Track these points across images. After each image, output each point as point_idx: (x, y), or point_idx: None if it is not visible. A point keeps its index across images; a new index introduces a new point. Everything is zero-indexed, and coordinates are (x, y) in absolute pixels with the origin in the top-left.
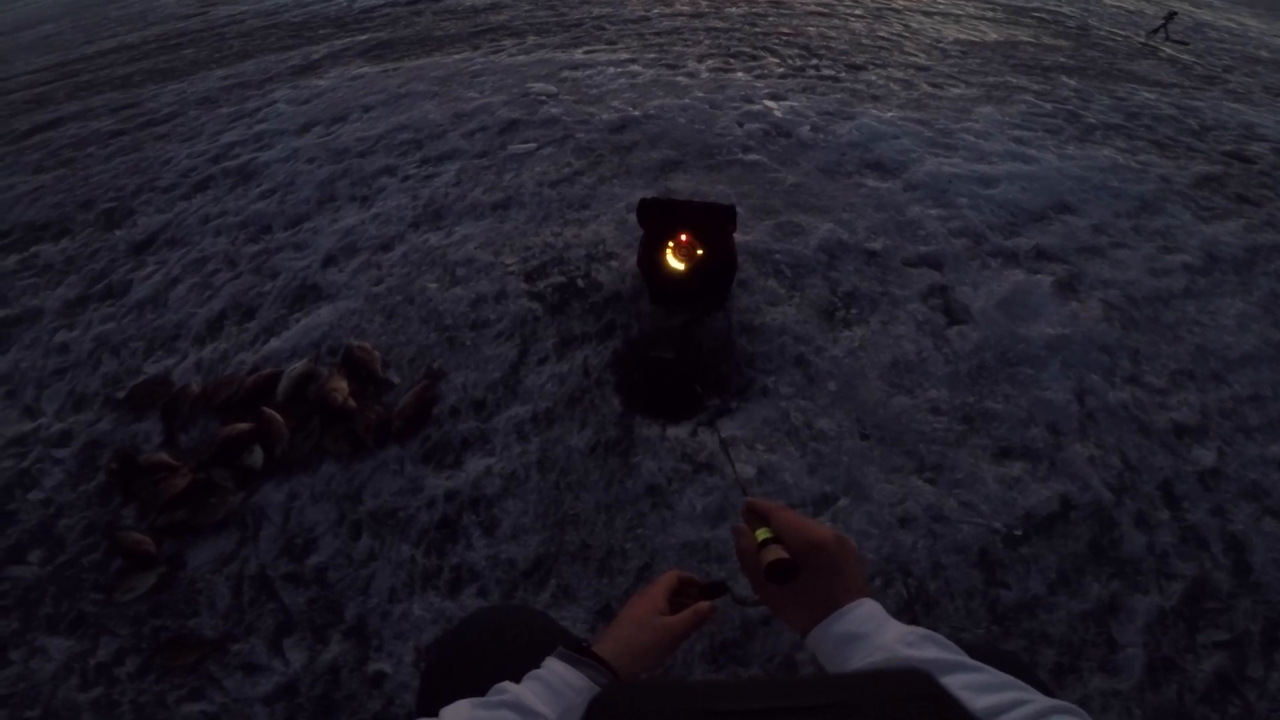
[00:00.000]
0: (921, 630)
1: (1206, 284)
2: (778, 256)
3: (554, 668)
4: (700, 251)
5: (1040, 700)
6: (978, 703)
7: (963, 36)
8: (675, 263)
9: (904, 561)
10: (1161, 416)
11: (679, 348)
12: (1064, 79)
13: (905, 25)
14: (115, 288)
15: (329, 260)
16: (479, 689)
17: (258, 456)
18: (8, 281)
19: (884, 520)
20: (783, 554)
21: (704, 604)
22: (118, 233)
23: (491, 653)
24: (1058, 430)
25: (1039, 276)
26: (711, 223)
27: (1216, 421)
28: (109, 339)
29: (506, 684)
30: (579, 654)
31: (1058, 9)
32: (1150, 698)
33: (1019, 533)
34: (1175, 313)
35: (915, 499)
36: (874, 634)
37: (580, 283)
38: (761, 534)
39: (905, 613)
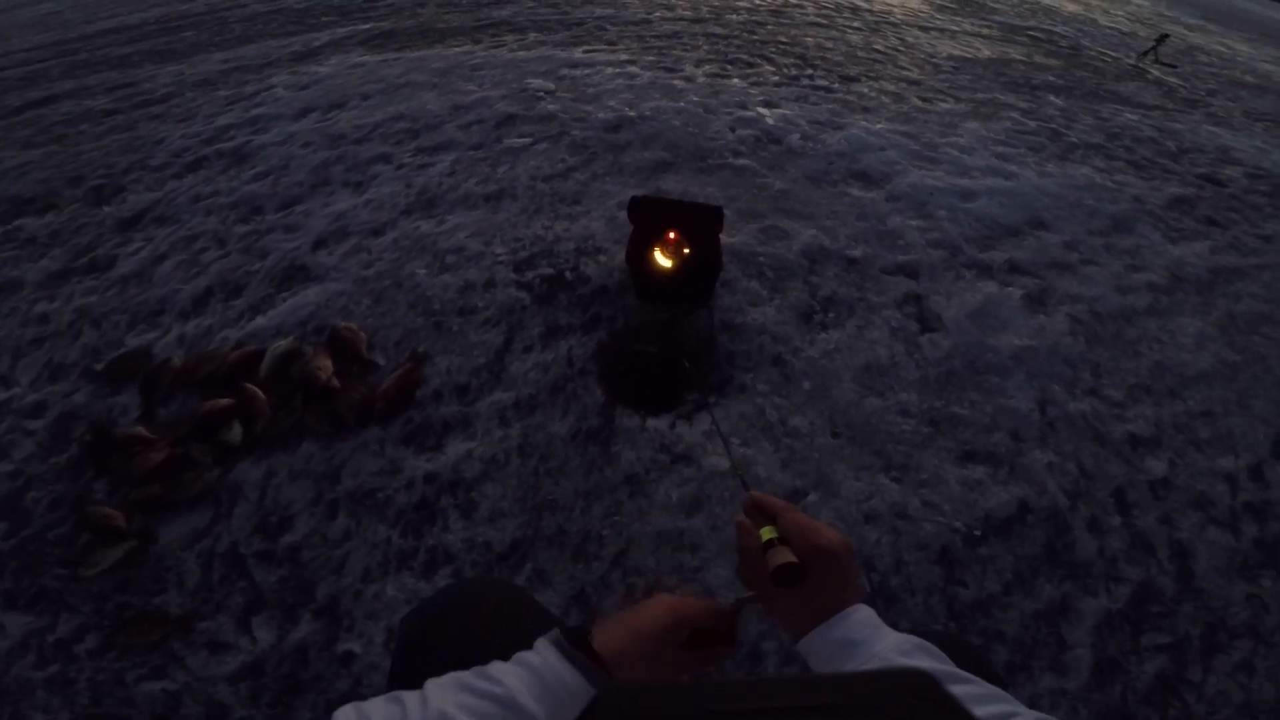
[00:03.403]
0: (915, 639)
1: (1169, 303)
2: (761, 259)
3: (551, 661)
4: (687, 250)
5: (1028, 713)
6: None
7: (956, 52)
8: (663, 260)
9: (868, 556)
10: (1118, 428)
11: (662, 342)
12: (1051, 98)
13: (901, 39)
14: (100, 262)
15: (319, 243)
16: (456, 665)
17: (237, 433)
18: None
19: (851, 516)
20: (791, 557)
21: (725, 648)
22: (105, 209)
23: (469, 627)
24: (1019, 437)
25: (1010, 289)
26: (699, 222)
27: (1169, 434)
28: (90, 311)
29: (496, 666)
30: (581, 649)
31: (1053, 28)
32: (1096, 698)
33: (978, 533)
34: (1137, 329)
35: (881, 496)
36: (870, 641)
37: (568, 275)
38: (766, 533)
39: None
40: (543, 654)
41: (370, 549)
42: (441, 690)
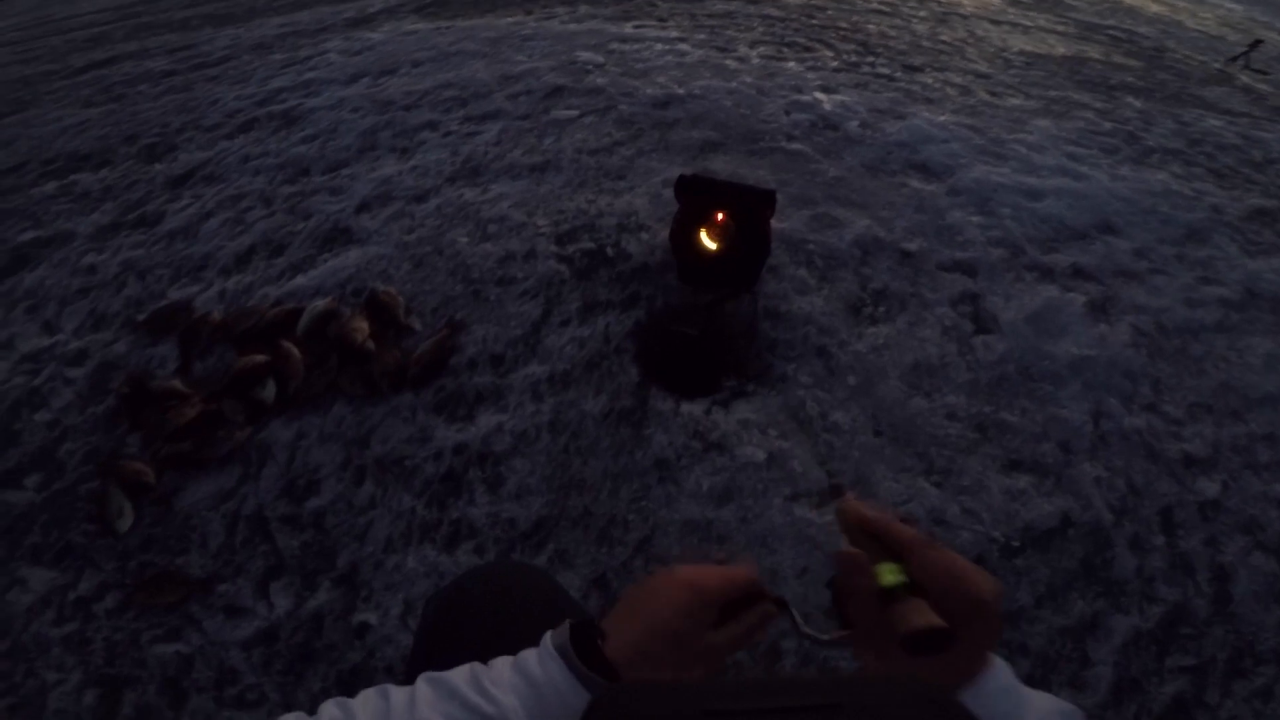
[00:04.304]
0: (1064, 705)
1: (1240, 320)
2: (811, 247)
3: (554, 675)
4: (735, 233)
5: None
6: None
7: (1029, 48)
8: (708, 241)
9: None
10: (1173, 446)
11: (703, 326)
12: (1129, 99)
13: (970, 31)
14: (149, 217)
15: (363, 206)
16: (478, 652)
17: (270, 390)
18: (44, 206)
19: None
20: (935, 619)
21: (766, 609)
22: (158, 166)
23: (493, 614)
24: (1069, 449)
25: (1072, 295)
26: (750, 206)
27: (1226, 456)
28: (136, 264)
29: (497, 669)
30: (592, 654)
31: (1134, 28)
32: (1110, 716)
33: (1016, 544)
34: (1204, 346)
35: (920, 500)
36: (1011, 715)
37: (609, 251)
38: (888, 574)
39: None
40: (545, 665)
41: (394, 518)
42: (431, 696)
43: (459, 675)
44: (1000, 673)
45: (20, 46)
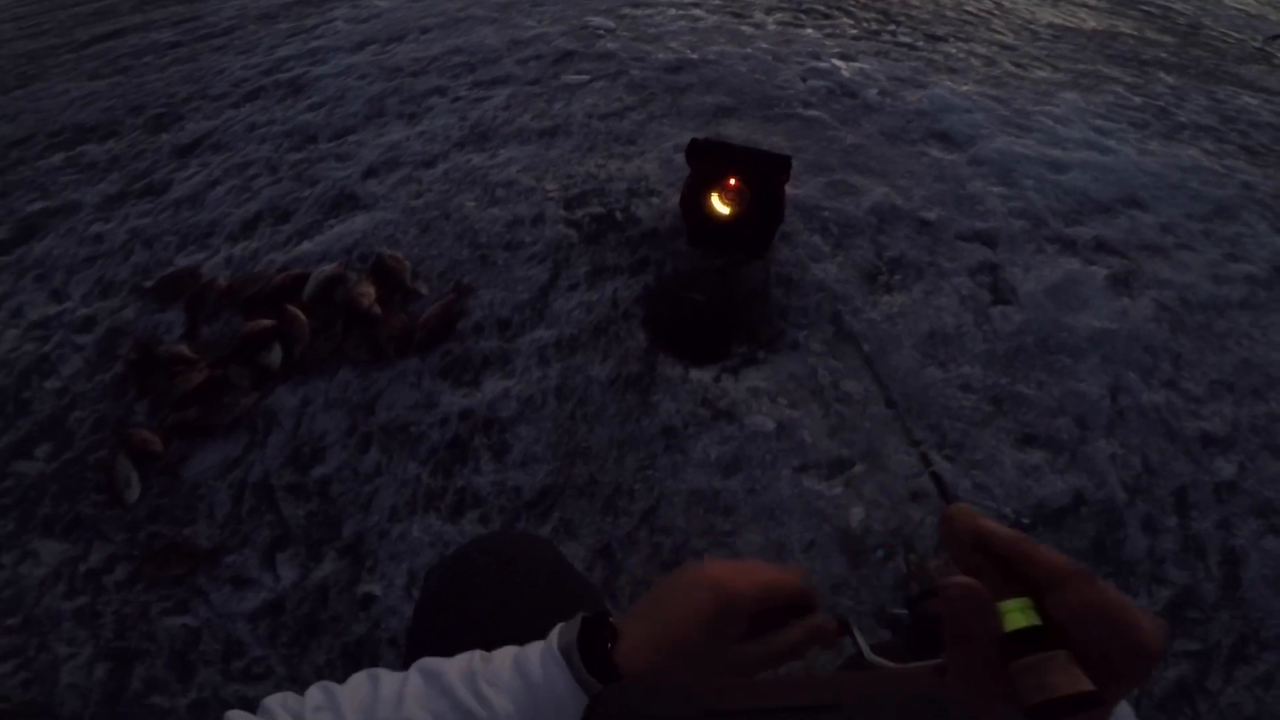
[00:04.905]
0: None
1: (1267, 298)
2: (826, 214)
3: (555, 684)
4: (749, 198)
5: None
6: None
7: (1058, 21)
8: (720, 206)
9: (909, 535)
10: (1191, 424)
11: (712, 291)
12: (1161, 75)
13: (996, 2)
14: (155, 186)
15: (370, 172)
16: (481, 624)
17: (276, 355)
18: (51, 177)
19: (896, 492)
20: (1084, 682)
21: (818, 625)
22: (164, 136)
23: (497, 585)
24: (1085, 424)
25: (1094, 268)
26: (764, 171)
27: (1246, 436)
28: (143, 232)
29: (497, 665)
30: (601, 659)
31: (1169, 4)
32: None
33: (1027, 521)
34: (1228, 322)
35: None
36: None
37: (618, 216)
38: (1016, 614)
39: (902, 588)
40: (547, 667)
41: (399, 487)
42: (423, 692)
43: (455, 670)
44: (1123, 715)
45: (26, 21)
